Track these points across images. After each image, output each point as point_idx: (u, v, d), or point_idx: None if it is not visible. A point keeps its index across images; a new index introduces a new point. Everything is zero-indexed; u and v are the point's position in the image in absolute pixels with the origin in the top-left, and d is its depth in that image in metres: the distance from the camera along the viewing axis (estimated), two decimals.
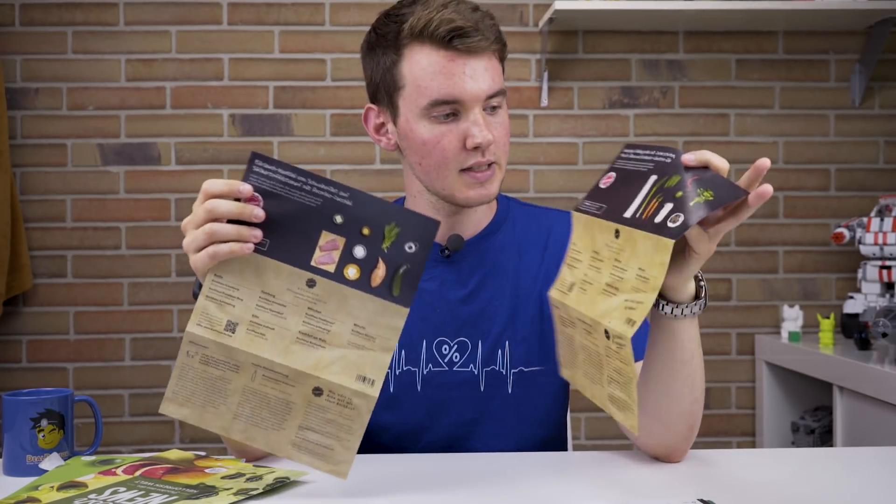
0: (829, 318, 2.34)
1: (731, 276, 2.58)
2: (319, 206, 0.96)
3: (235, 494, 1.00)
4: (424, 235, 0.98)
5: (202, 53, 2.51)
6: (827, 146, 2.60)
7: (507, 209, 1.37)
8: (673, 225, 0.94)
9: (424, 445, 1.27)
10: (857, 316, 2.27)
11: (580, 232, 1.07)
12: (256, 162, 0.95)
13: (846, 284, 2.58)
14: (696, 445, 1.22)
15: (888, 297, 2.28)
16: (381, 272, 0.97)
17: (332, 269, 0.96)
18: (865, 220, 2.34)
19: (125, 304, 2.50)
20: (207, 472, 1.09)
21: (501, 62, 1.26)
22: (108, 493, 1.01)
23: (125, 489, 1.02)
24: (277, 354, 0.97)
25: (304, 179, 0.95)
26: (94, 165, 2.50)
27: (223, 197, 0.96)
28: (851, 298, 2.32)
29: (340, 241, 0.96)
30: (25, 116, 2.48)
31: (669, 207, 0.97)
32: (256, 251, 0.96)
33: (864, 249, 2.32)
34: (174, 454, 1.17)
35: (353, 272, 0.97)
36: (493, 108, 1.23)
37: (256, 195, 0.95)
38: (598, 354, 1.03)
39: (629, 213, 1.00)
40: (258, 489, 1.02)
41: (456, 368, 1.27)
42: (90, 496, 1.00)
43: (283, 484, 1.04)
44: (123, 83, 2.50)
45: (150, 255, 2.50)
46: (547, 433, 1.31)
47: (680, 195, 0.96)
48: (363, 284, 0.97)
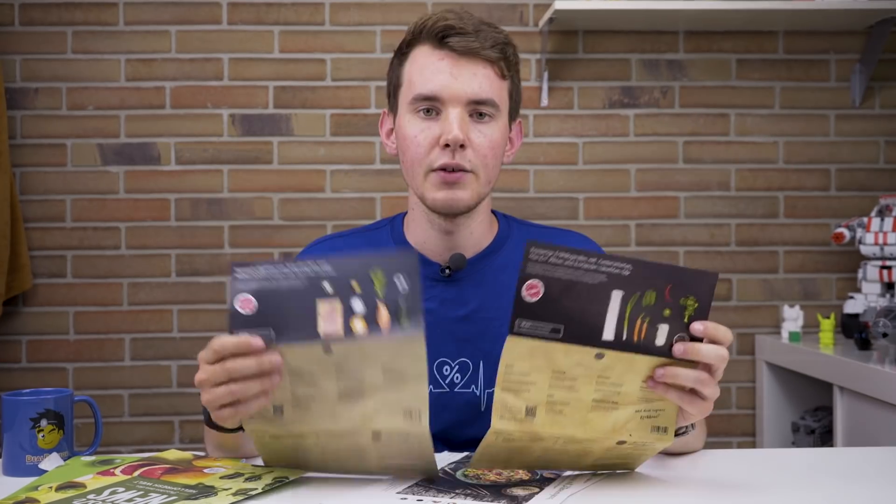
0: (829, 318, 2.34)
1: (731, 276, 2.58)
2: (306, 284, 0.98)
3: (234, 494, 1.00)
4: (407, 265, 0.99)
5: (202, 53, 2.51)
6: (827, 146, 2.60)
7: (507, 228, 1.36)
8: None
9: None
10: (857, 316, 2.27)
11: (520, 354, 0.96)
12: (236, 271, 0.98)
13: (846, 284, 2.58)
14: None
15: (888, 297, 2.28)
16: (384, 315, 0.99)
17: (340, 331, 0.98)
18: (866, 220, 2.34)
19: (125, 304, 2.50)
20: (206, 472, 1.09)
21: (505, 79, 1.25)
22: (106, 493, 1.01)
23: (124, 489, 1.02)
24: (327, 420, 1.02)
25: (283, 268, 0.98)
26: (93, 165, 2.50)
27: (237, 355, 0.96)
28: (852, 298, 2.32)
29: (336, 303, 0.98)
30: (25, 116, 2.48)
31: (666, 329, 0.97)
32: (267, 343, 0.98)
33: (864, 249, 2.32)
34: (173, 454, 1.17)
35: (359, 325, 0.99)
36: (480, 114, 1.23)
37: (249, 297, 0.97)
38: (579, 451, 1.03)
39: (609, 335, 0.96)
40: (257, 489, 1.02)
41: (457, 390, 1.27)
42: (89, 496, 1.00)
43: (282, 484, 1.04)
44: (123, 83, 2.50)
45: (149, 255, 2.50)
46: None
47: (669, 313, 0.97)
48: (374, 332, 0.99)
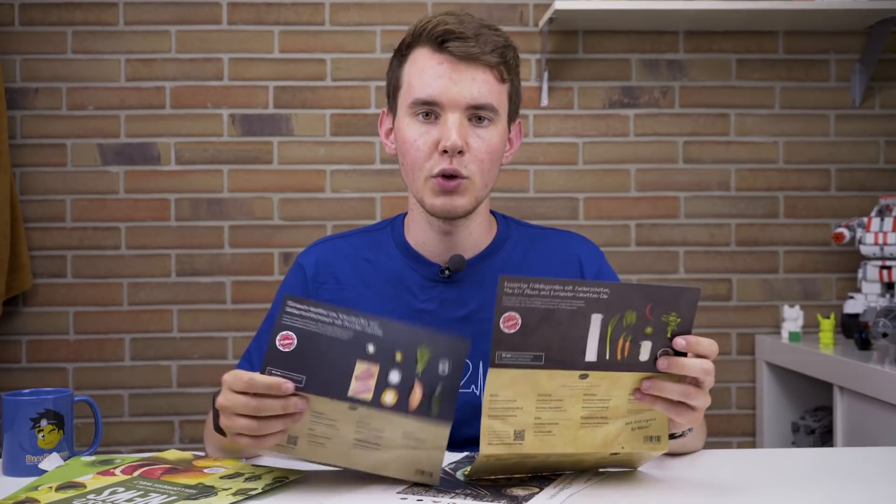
0: (829, 318, 2.34)
1: (731, 276, 2.58)
2: (351, 338, 0.98)
3: (234, 494, 1.00)
4: (456, 353, 1.00)
5: (202, 53, 2.51)
6: (827, 146, 2.60)
7: (507, 229, 1.36)
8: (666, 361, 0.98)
9: None
10: (857, 316, 2.27)
11: (504, 383, 0.96)
12: (289, 304, 0.97)
13: (846, 284, 2.58)
14: None
15: (888, 297, 2.28)
16: (417, 395, 1.00)
17: (368, 397, 0.99)
18: (866, 220, 2.33)
19: (125, 304, 2.50)
20: (206, 472, 1.09)
21: (504, 82, 1.25)
22: (106, 493, 1.01)
23: (124, 489, 1.02)
24: (340, 459, 1.02)
25: (335, 315, 0.97)
26: (93, 165, 2.50)
27: (266, 395, 0.97)
28: (852, 298, 2.32)
29: (375, 368, 0.98)
30: (25, 116, 2.48)
31: (649, 345, 0.98)
32: (295, 388, 0.98)
33: (864, 249, 2.32)
34: (172, 454, 1.17)
35: (390, 398, 0.99)
36: (479, 118, 1.23)
37: (291, 334, 0.97)
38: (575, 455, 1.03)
39: (591, 356, 0.96)
40: (257, 489, 1.02)
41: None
42: (89, 496, 1.00)
43: (282, 484, 1.04)
44: (123, 83, 2.50)
45: (149, 255, 2.50)
46: None
47: (651, 331, 0.97)
48: (401, 408, 0.99)
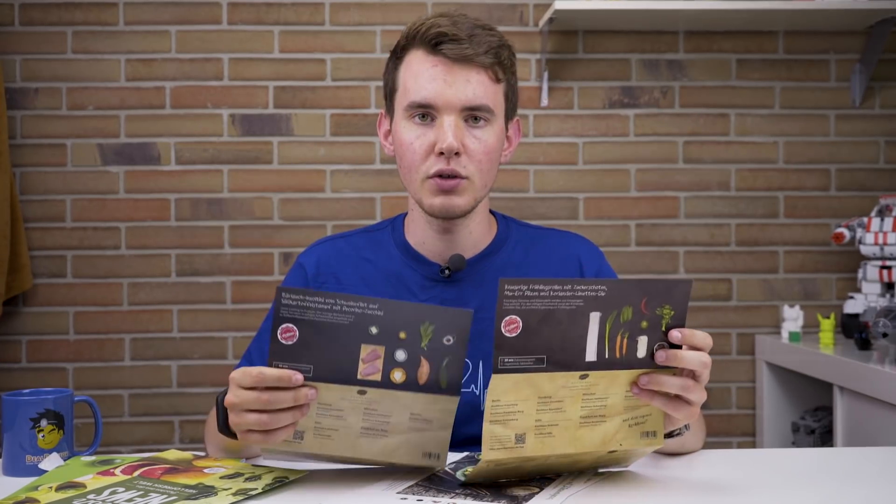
0: (829, 318, 2.34)
1: (731, 276, 2.58)
2: (353, 322, 0.98)
3: (234, 494, 1.00)
4: (460, 326, 1.01)
5: (202, 53, 2.51)
6: (827, 146, 2.60)
7: (507, 229, 1.37)
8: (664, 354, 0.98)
9: None
10: (857, 316, 2.27)
11: (506, 388, 0.95)
12: (285, 295, 0.96)
13: (846, 284, 2.58)
14: None
15: (888, 297, 2.28)
16: (425, 370, 1.01)
17: (378, 377, 1.00)
18: (866, 220, 2.33)
19: (125, 304, 2.50)
20: (206, 472, 1.09)
21: (500, 82, 1.26)
22: (106, 493, 1.01)
23: (124, 489, 1.02)
24: (346, 450, 1.03)
25: (333, 301, 0.98)
26: (93, 165, 2.50)
27: (277, 387, 0.97)
28: (852, 298, 2.32)
29: (380, 349, 0.99)
30: (25, 116, 2.48)
31: (645, 340, 0.98)
32: (304, 378, 0.98)
33: (864, 249, 2.32)
34: (172, 454, 1.17)
35: (399, 376, 1.00)
36: (475, 118, 1.23)
37: (291, 326, 0.97)
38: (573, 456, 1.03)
39: (591, 356, 0.96)
40: (257, 489, 1.02)
41: None
42: (89, 496, 1.00)
43: (282, 484, 1.04)
44: (123, 83, 2.50)
45: (149, 255, 2.50)
46: None
47: (646, 325, 0.98)
48: (411, 385, 1.00)
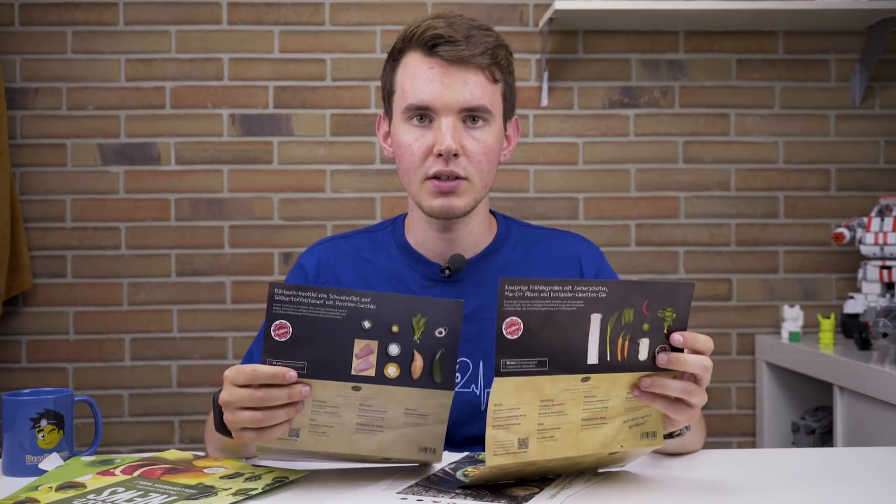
0: (829, 318, 2.34)
1: (731, 276, 2.58)
2: (345, 316, 0.98)
3: (234, 494, 1.00)
4: (451, 318, 1.01)
5: (202, 53, 2.51)
6: (827, 146, 2.60)
7: (507, 229, 1.37)
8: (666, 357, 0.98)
9: None
10: (857, 316, 2.27)
11: (508, 392, 0.94)
12: (277, 291, 0.96)
13: (846, 284, 2.58)
14: None
15: (888, 297, 2.28)
16: (419, 363, 1.00)
17: (372, 373, 0.99)
18: (866, 220, 2.33)
19: (125, 304, 2.50)
20: (206, 472, 1.09)
21: (497, 82, 1.25)
22: (106, 493, 1.01)
23: (124, 489, 1.02)
24: (342, 446, 1.03)
25: (325, 296, 0.97)
26: (93, 165, 2.50)
27: (271, 384, 0.97)
28: (852, 298, 2.32)
29: (373, 344, 0.99)
30: (25, 116, 2.48)
31: (647, 343, 0.98)
32: (298, 375, 0.98)
33: (864, 249, 2.32)
34: (172, 454, 1.17)
35: (392, 370, 1.00)
36: (473, 119, 1.23)
37: (285, 322, 0.97)
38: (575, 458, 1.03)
39: (593, 359, 0.96)
40: (257, 489, 1.02)
41: (457, 389, 1.27)
42: (89, 496, 1.00)
43: (282, 484, 1.04)
44: (123, 83, 2.50)
45: (149, 255, 2.50)
46: None
47: (648, 327, 0.97)
48: (405, 380, 1.00)
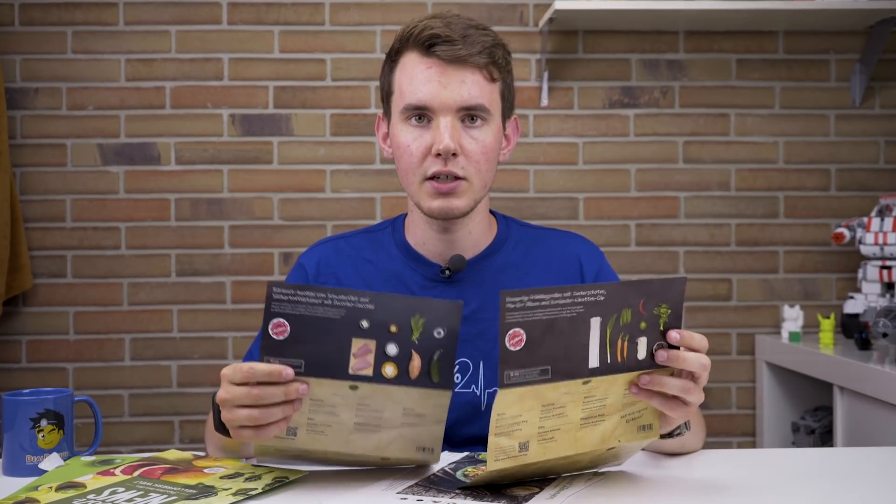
0: (829, 318, 2.34)
1: (731, 276, 2.58)
2: (344, 316, 0.98)
3: (234, 494, 1.00)
4: (450, 318, 1.00)
5: (202, 53, 2.51)
6: (827, 146, 2.60)
7: (507, 229, 1.36)
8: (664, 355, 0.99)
9: None
10: (857, 316, 2.27)
11: (511, 401, 0.94)
12: (275, 290, 0.96)
13: (846, 284, 2.58)
14: None
15: (888, 297, 2.28)
16: (416, 363, 1.00)
17: (369, 372, 0.99)
18: (866, 220, 2.33)
19: (125, 304, 2.50)
20: (206, 472, 1.09)
21: (495, 81, 1.25)
22: (106, 493, 1.01)
23: (124, 489, 1.02)
24: (340, 445, 1.03)
25: (323, 295, 0.97)
26: (93, 165, 2.50)
27: (267, 382, 0.97)
28: (852, 298, 2.32)
29: (371, 343, 0.99)
30: (25, 116, 2.48)
31: (644, 341, 0.98)
32: (295, 374, 0.98)
33: (864, 249, 2.32)
34: (172, 454, 1.17)
35: (390, 370, 1.00)
36: (472, 118, 1.23)
37: (282, 321, 0.97)
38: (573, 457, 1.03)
39: (594, 363, 0.96)
40: (257, 489, 1.02)
41: (458, 389, 1.27)
42: (89, 496, 1.00)
43: (282, 484, 1.04)
44: (123, 83, 2.50)
45: (149, 255, 2.50)
46: None
47: (645, 326, 0.98)
48: (402, 379, 1.00)
